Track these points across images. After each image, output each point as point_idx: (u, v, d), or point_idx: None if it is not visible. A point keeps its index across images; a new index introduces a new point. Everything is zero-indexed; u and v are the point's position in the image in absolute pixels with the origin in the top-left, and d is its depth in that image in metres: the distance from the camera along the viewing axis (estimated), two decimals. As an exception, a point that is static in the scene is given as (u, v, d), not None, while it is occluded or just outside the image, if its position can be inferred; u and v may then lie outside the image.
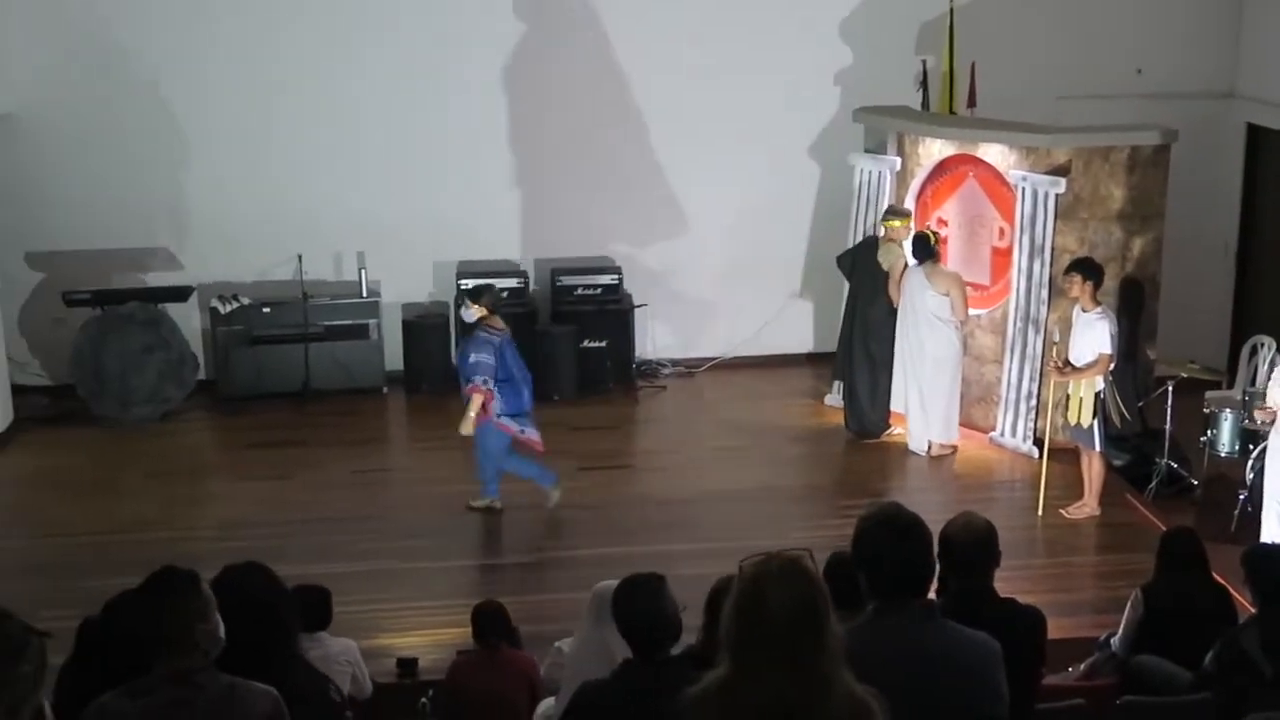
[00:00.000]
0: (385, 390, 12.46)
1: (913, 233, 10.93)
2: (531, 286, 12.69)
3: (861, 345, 11.26)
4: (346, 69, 12.31)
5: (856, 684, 3.20)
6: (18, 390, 12.02)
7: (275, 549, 9.10)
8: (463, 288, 11.39)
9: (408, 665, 7.63)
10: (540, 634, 7.31)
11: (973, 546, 4.86)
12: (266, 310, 12.23)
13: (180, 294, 12.18)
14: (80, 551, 9.26)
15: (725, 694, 3.16)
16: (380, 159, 12.50)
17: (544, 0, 12.47)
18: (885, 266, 11.06)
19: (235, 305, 12.15)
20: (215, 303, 12.17)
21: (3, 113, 11.94)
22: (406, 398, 12.45)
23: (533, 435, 9.71)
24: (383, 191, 12.52)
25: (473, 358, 9.38)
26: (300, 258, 12.18)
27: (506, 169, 12.65)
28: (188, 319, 12.33)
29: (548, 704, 6.22)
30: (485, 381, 9.33)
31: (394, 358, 12.52)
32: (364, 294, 12.43)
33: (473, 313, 9.58)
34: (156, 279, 12.37)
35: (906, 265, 11.07)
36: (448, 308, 12.66)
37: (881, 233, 11.22)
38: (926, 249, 10.59)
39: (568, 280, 12.58)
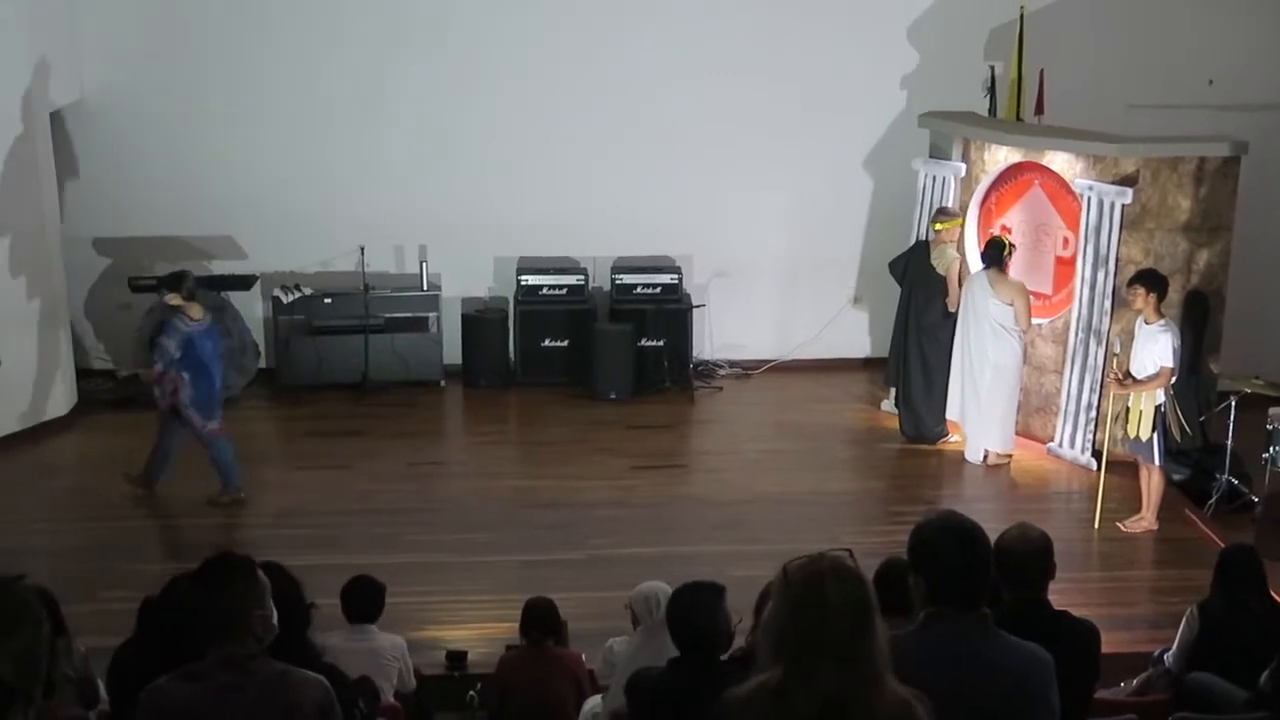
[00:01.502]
0: (443, 384, 12.54)
1: (985, 238, 10.86)
2: (591, 284, 12.71)
3: (916, 350, 11.21)
4: (412, 62, 12.40)
5: (900, 685, 3.20)
6: (83, 374, 12.21)
7: (330, 538, 9.22)
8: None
9: (457, 659, 7.65)
10: (590, 631, 7.33)
11: (1028, 557, 4.82)
12: (328, 301, 12.33)
13: (244, 282, 12.31)
14: (140, 535, 9.39)
15: (779, 694, 3.16)
16: (445, 154, 12.58)
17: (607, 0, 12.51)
18: (940, 270, 11.00)
19: (297, 295, 12.26)
20: (278, 292, 12.29)
21: (73, 100, 12.12)
22: (464, 392, 12.53)
23: (213, 426, 9.82)
24: (446, 186, 12.61)
25: (155, 339, 9.62)
26: (362, 250, 12.28)
27: (569, 166, 12.68)
28: (250, 307, 12.48)
29: (594, 701, 6.25)
30: (157, 365, 9.56)
31: (452, 351, 12.60)
32: (424, 287, 12.52)
33: (169, 299, 9.74)
34: (221, 267, 12.51)
35: (964, 267, 11.02)
36: (507, 303, 12.74)
37: (932, 236, 11.16)
38: (998, 254, 10.50)
39: (627, 279, 12.60)
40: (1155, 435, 9.36)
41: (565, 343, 12.58)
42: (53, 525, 9.65)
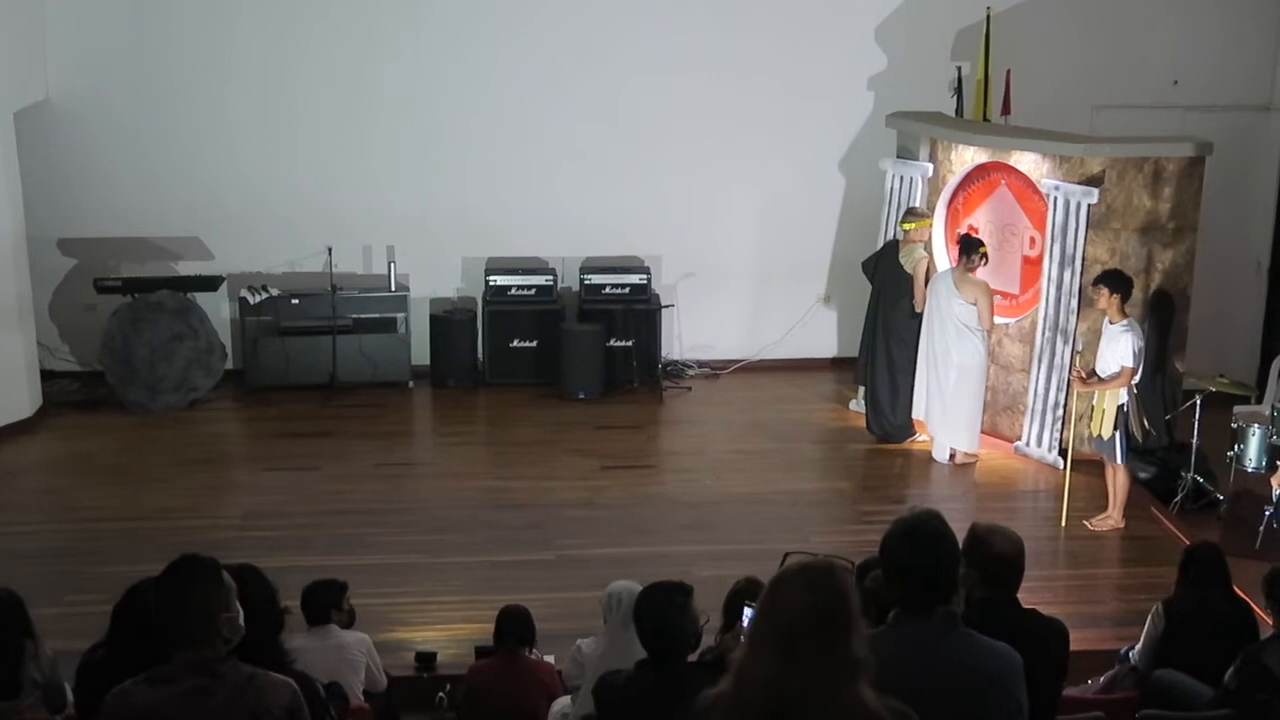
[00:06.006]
0: (411, 384, 12.50)
1: (952, 238, 10.91)
2: (560, 284, 12.70)
3: (883, 349, 11.26)
4: (380, 62, 12.36)
5: (877, 701, 3.17)
6: (47, 375, 12.11)
7: (298, 539, 9.19)
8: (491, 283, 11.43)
9: (426, 660, 7.64)
10: (559, 632, 7.32)
11: (1013, 559, 4.84)
12: (295, 301, 12.28)
13: (210, 283, 12.25)
14: (106, 537, 9.31)
15: (737, 677, 3.19)
16: (412, 154, 12.55)
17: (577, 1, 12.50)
18: (908, 269, 11.05)
19: (264, 296, 12.20)
20: (245, 293, 12.23)
21: (39, 99, 12.02)
22: (432, 392, 12.49)
23: None
24: (414, 186, 12.58)
25: None
26: (330, 250, 12.23)
27: (537, 166, 12.67)
28: (217, 308, 12.41)
29: (563, 702, 6.23)
30: None
31: (421, 352, 12.57)
32: (392, 288, 12.49)
33: None
34: (187, 268, 12.45)
35: (930, 267, 11.07)
36: (476, 304, 12.71)
37: (901, 235, 11.21)
38: (968, 250, 10.49)
39: (595, 279, 12.58)
40: (1118, 434, 9.42)
41: (534, 343, 12.56)
42: (18, 528, 9.57)
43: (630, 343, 12.50)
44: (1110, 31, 12.68)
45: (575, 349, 12.32)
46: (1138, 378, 9.47)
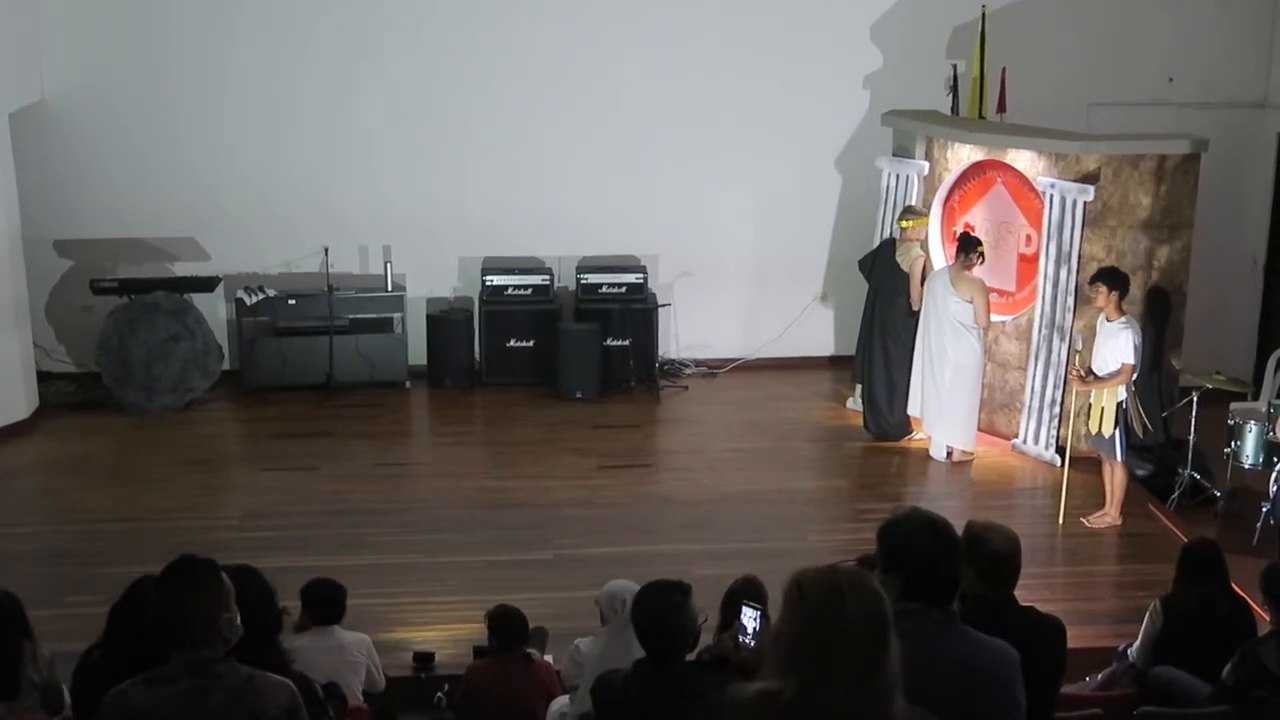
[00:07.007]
0: (408, 384, 12.50)
1: (948, 236, 10.91)
2: (556, 284, 12.70)
3: (880, 348, 11.26)
4: (378, 62, 12.36)
5: (909, 705, 3.15)
6: (44, 377, 12.10)
7: (296, 540, 9.18)
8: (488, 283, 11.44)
9: (425, 660, 7.64)
10: (558, 631, 7.34)
11: (1010, 557, 4.84)
12: (292, 302, 12.28)
13: (207, 284, 12.24)
14: (103, 538, 9.31)
15: (785, 708, 3.02)
16: (409, 154, 12.55)
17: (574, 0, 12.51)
18: (904, 267, 11.06)
19: (261, 296, 12.19)
20: (241, 293, 12.22)
21: (34, 101, 12.01)
22: (429, 392, 12.49)
23: None
24: (410, 186, 12.58)
25: None
26: (326, 250, 12.22)
27: (533, 166, 12.67)
28: (214, 309, 12.40)
29: (561, 702, 6.24)
30: None
31: (417, 352, 12.57)
32: (389, 288, 12.49)
33: None
34: (183, 269, 12.44)
35: (927, 265, 11.08)
36: (472, 303, 12.71)
37: (898, 233, 11.22)
38: (967, 248, 10.48)
39: (592, 278, 12.58)
40: (1117, 431, 9.43)
41: (531, 343, 12.55)
42: (15, 529, 9.57)
43: (627, 342, 12.49)
44: (1105, 29, 12.69)
45: (572, 348, 12.32)
46: (1136, 375, 9.47)
